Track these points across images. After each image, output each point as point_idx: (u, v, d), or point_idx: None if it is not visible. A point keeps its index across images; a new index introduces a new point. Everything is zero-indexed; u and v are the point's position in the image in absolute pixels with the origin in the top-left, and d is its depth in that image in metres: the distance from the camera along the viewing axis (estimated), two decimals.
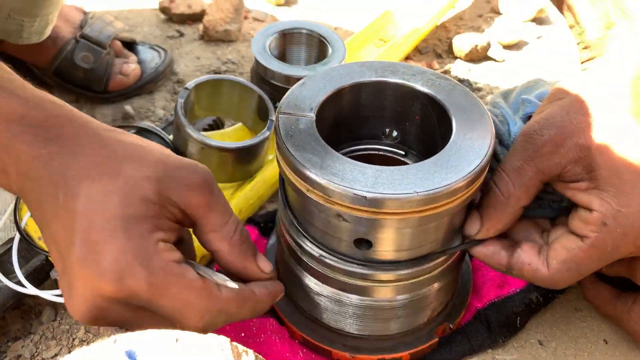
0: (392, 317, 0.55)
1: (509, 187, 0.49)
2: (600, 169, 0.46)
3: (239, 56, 1.03)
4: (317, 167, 0.46)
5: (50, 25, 0.84)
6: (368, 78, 0.55)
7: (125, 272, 0.41)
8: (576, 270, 0.49)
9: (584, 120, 0.47)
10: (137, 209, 0.42)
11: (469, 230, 0.51)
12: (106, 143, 0.45)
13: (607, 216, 0.46)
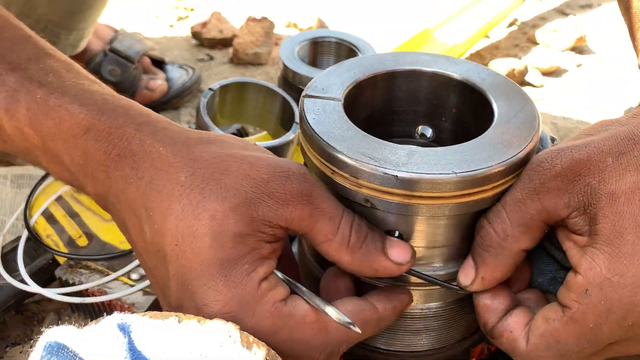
0: (424, 329, 0.49)
1: (504, 225, 0.41)
2: (603, 222, 0.37)
3: (268, 78, 1.02)
4: (344, 146, 0.42)
5: (84, 40, 0.85)
6: (402, 67, 0.51)
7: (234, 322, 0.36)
8: (556, 349, 0.40)
9: (608, 160, 0.38)
10: (230, 250, 0.37)
11: (461, 280, 0.43)
12: (181, 159, 0.39)
13: (592, 283, 0.37)
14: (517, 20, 1.18)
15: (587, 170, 0.38)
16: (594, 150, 0.39)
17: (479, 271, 0.42)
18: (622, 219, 0.37)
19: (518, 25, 1.17)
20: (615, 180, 0.38)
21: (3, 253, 0.59)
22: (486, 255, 0.42)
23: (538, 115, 0.46)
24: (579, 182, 0.38)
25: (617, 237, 0.37)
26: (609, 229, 0.37)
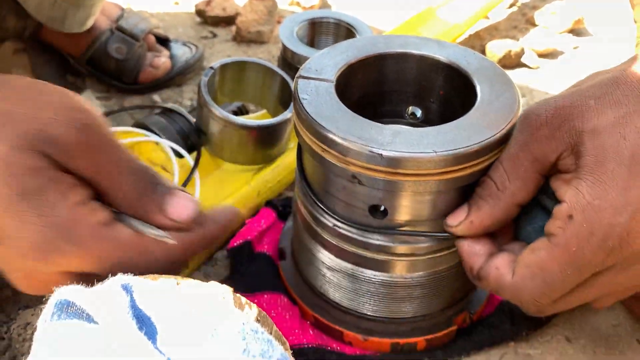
0: (408, 298, 0.52)
1: (503, 179, 0.43)
2: (586, 155, 0.40)
3: (270, 56, 1.04)
4: (333, 126, 0.45)
5: (92, 18, 0.87)
6: (392, 49, 0.53)
7: (50, 251, 0.36)
8: (541, 278, 0.41)
9: (590, 103, 0.41)
10: (30, 182, 0.35)
11: (449, 221, 0.45)
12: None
13: (576, 208, 0.40)
14: (517, 1, 1.19)
15: (571, 115, 0.41)
16: (577, 96, 0.42)
17: (470, 215, 0.45)
18: (604, 150, 0.40)
19: (518, 6, 1.18)
20: (596, 117, 0.40)
21: None
22: (482, 202, 0.44)
23: (519, 99, 0.48)
24: (564, 126, 0.41)
25: (598, 166, 0.39)
26: (591, 160, 0.40)
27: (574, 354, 0.55)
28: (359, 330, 0.54)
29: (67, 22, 0.84)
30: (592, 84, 0.43)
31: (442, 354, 0.54)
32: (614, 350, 0.56)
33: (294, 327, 0.54)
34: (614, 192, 0.39)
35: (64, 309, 0.35)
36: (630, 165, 0.39)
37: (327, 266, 0.53)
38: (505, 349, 0.55)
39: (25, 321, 0.60)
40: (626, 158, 0.39)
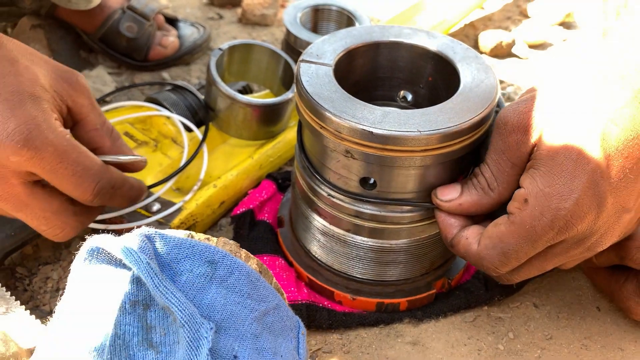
0: (393, 262, 0.58)
1: (492, 181, 0.50)
2: (541, 148, 0.46)
3: (273, 39, 1.09)
4: (330, 105, 0.50)
5: None
6: (386, 38, 0.59)
7: (33, 133, 0.44)
8: (500, 248, 0.48)
9: (548, 105, 0.47)
10: (38, 91, 0.46)
11: (442, 195, 0.52)
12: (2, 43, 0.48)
13: (530, 193, 0.46)
14: None
15: (535, 118, 0.47)
16: (538, 100, 0.48)
17: (461, 199, 0.51)
18: (556, 144, 0.46)
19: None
20: (550, 118, 0.47)
21: None
22: (474, 192, 0.51)
23: (497, 86, 0.54)
24: (529, 130, 0.47)
25: (550, 158, 0.46)
26: (545, 154, 0.46)
27: (540, 318, 0.62)
28: (348, 290, 0.60)
29: (73, 0, 0.89)
30: (549, 87, 0.49)
31: (421, 314, 0.60)
32: (576, 316, 0.62)
33: (290, 285, 0.60)
34: (562, 181, 0.45)
35: (94, 254, 0.41)
36: (577, 159, 0.45)
37: (321, 232, 0.59)
38: (479, 312, 0.62)
39: (45, 275, 0.66)
40: (574, 153, 0.45)
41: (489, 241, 0.49)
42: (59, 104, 0.49)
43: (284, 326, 0.42)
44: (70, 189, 0.48)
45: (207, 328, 0.35)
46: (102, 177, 0.48)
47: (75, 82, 0.50)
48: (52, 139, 0.45)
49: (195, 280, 0.40)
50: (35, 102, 0.46)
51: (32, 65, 0.48)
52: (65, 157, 0.46)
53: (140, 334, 0.36)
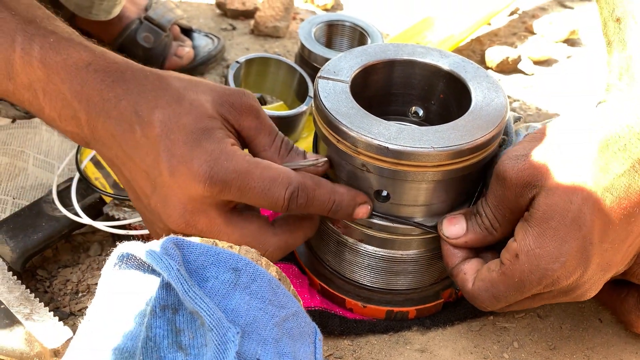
0: (403, 272, 0.60)
1: (494, 222, 0.53)
2: (537, 208, 0.49)
3: (285, 50, 1.11)
4: (348, 121, 0.53)
5: (117, 7, 0.93)
6: (400, 56, 0.61)
7: (215, 168, 0.47)
8: (490, 292, 0.52)
9: (544, 166, 0.49)
10: (207, 123, 0.49)
11: (450, 230, 0.55)
12: (163, 79, 0.51)
13: (522, 250, 0.49)
14: (518, 9, 1.26)
15: (533, 176, 0.49)
16: (539, 157, 0.49)
17: (467, 236, 0.54)
18: (552, 209, 0.48)
19: (519, 14, 1.26)
20: (552, 179, 0.48)
21: (58, 191, 0.70)
22: (478, 230, 0.54)
23: (507, 105, 0.56)
24: (528, 186, 0.49)
25: (545, 221, 0.48)
26: (541, 215, 0.48)
27: (544, 328, 0.64)
28: (359, 298, 0.62)
29: (93, 11, 0.91)
30: (545, 144, 0.50)
31: (429, 323, 0.62)
32: (578, 328, 0.64)
33: (304, 292, 0.62)
34: (553, 245, 0.48)
35: (125, 260, 0.43)
36: (570, 225, 0.47)
37: (334, 241, 0.61)
38: (485, 322, 0.64)
39: (65, 278, 0.69)
40: (568, 219, 0.47)
41: (482, 284, 0.52)
42: (229, 128, 0.51)
43: (302, 332, 0.44)
44: (264, 204, 0.50)
45: (234, 332, 0.38)
46: (290, 181, 0.50)
47: (239, 104, 0.52)
48: (233, 166, 0.48)
49: (220, 286, 0.42)
50: (208, 135, 0.49)
51: (197, 96, 0.50)
52: (250, 177, 0.48)
53: (170, 337, 0.38)
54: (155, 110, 0.49)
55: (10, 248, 0.64)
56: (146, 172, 0.50)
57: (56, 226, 0.68)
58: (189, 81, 0.52)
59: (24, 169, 0.77)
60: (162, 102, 0.50)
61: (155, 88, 0.50)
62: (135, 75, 0.51)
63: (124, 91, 0.50)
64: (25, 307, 0.58)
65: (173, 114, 0.49)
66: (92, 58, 0.50)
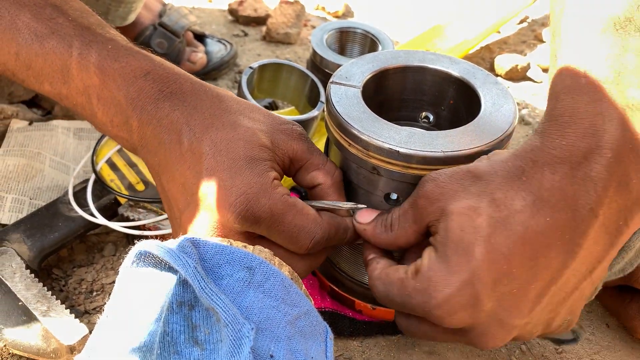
0: None
1: (395, 224, 0.51)
2: (438, 232, 0.46)
3: (296, 57, 1.13)
4: (359, 125, 0.54)
5: (133, 13, 0.95)
6: (411, 63, 0.62)
7: (252, 202, 0.48)
8: (385, 287, 0.49)
9: (454, 191, 0.46)
10: (257, 152, 0.49)
11: (361, 215, 0.53)
12: (222, 99, 0.52)
13: (421, 270, 0.46)
14: (527, 17, 1.27)
15: (440, 195, 0.47)
16: (451, 180, 0.47)
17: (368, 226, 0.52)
18: (448, 234, 0.45)
19: (528, 22, 1.27)
20: (453, 204, 0.45)
21: (74, 192, 0.72)
22: (379, 225, 0.52)
23: (516, 111, 0.57)
24: (434, 204, 0.47)
25: (443, 245, 0.45)
26: (440, 240, 0.46)
27: None
28: (369, 300, 0.63)
29: (109, 17, 0.93)
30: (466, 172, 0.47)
31: None
32: (586, 332, 0.65)
33: (314, 294, 0.63)
34: (442, 273, 0.44)
35: (142, 258, 0.44)
36: (461, 255, 0.44)
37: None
38: None
39: (79, 277, 0.70)
40: (461, 249, 0.44)
41: (384, 275, 0.50)
42: (280, 157, 0.52)
43: (313, 330, 0.45)
44: (286, 245, 0.50)
45: (249, 328, 0.39)
46: (316, 232, 0.50)
47: (291, 132, 0.53)
48: (269, 205, 0.48)
49: (234, 284, 0.43)
50: (253, 166, 0.49)
51: (253, 123, 0.51)
52: (281, 220, 0.49)
53: (186, 332, 0.40)
54: (209, 129, 0.49)
55: (28, 247, 0.65)
56: (183, 186, 0.50)
57: (72, 226, 0.69)
58: (246, 106, 0.53)
59: (41, 170, 0.78)
60: (218, 123, 0.50)
61: (212, 106, 0.51)
62: (195, 90, 0.51)
63: (180, 102, 0.50)
64: (43, 304, 0.60)
65: (225, 137, 0.49)
66: (151, 67, 0.51)
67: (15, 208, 0.73)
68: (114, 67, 0.50)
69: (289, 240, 0.50)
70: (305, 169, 0.54)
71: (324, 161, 0.55)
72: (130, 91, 0.50)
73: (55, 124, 0.86)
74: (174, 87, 0.51)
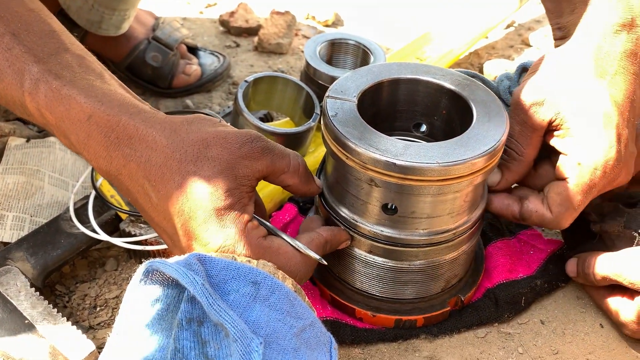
0: (410, 282, 0.63)
1: (519, 148, 0.62)
2: (570, 122, 0.59)
3: (288, 67, 1.14)
4: (356, 138, 0.55)
5: (126, 22, 0.96)
6: (404, 75, 0.64)
7: (232, 253, 0.49)
8: (571, 207, 0.60)
9: (556, 83, 0.60)
10: (224, 202, 0.50)
11: (491, 179, 0.63)
12: (174, 146, 0.50)
13: (580, 156, 0.59)
14: (514, 22, 1.29)
15: (547, 94, 0.60)
16: (549, 82, 0.60)
17: (505, 175, 0.63)
18: (580, 116, 0.59)
19: (515, 27, 1.29)
20: (567, 94, 0.59)
21: (74, 209, 0.73)
22: (510, 165, 0.63)
23: (507, 120, 0.59)
24: (545, 104, 0.60)
25: (581, 129, 0.59)
26: (575, 126, 0.59)
27: (547, 334, 0.66)
28: (369, 308, 0.64)
29: (103, 25, 0.94)
30: (548, 68, 0.62)
31: (437, 330, 0.65)
32: (580, 332, 0.66)
33: (315, 303, 0.64)
34: (601, 142, 0.58)
35: (149, 275, 0.46)
36: (604, 122, 0.58)
37: (343, 254, 0.63)
38: (490, 328, 0.66)
39: (83, 293, 0.71)
40: (598, 119, 0.58)
41: (561, 207, 0.60)
42: (248, 186, 0.52)
43: (318, 341, 0.47)
44: None
45: (257, 343, 0.40)
46: (296, 268, 0.53)
47: (252, 153, 0.52)
48: (247, 254, 0.50)
49: (241, 299, 0.44)
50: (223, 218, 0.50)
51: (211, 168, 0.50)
52: None
53: (197, 348, 0.41)
54: (170, 185, 0.50)
55: (32, 265, 0.66)
56: (166, 232, 0.53)
57: (74, 243, 0.70)
58: (200, 143, 0.51)
59: (40, 188, 0.79)
60: (177, 178, 0.50)
61: (165, 157, 0.50)
62: (141, 135, 0.51)
63: (131, 152, 0.51)
64: (49, 322, 0.60)
65: (190, 192, 0.50)
66: (93, 109, 0.51)
67: (17, 226, 0.74)
68: (59, 110, 0.52)
69: None
70: (273, 176, 0.56)
71: (288, 163, 0.55)
72: (80, 136, 0.51)
73: (52, 140, 0.86)
74: (119, 131, 0.51)
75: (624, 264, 0.61)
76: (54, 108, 0.52)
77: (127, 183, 0.52)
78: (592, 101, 0.59)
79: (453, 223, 0.60)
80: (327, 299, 0.66)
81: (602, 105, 0.59)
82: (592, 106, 0.59)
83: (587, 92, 0.59)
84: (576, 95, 0.59)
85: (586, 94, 0.59)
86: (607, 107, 0.59)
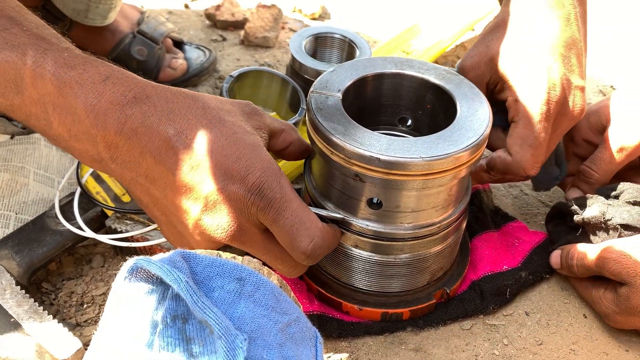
0: (396, 275, 0.63)
1: None
2: (501, 69, 0.64)
3: (275, 60, 1.14)
4: (341, 134, 0.55)
5: (112, 12, 0.95)
6: (389, 70, 0.64)
7: (266, 186, 0.50)
8: (529, 145, 0.63)
9: (492, 40, 0.65)
10: (255, 139, 0.52)
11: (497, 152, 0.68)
12: (195, 98, 0.52)
13: (515, 95, 0.64)
14: None
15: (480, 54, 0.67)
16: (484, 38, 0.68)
17: None
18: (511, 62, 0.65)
19: None
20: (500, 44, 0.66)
21: (60, 206, 0.72)
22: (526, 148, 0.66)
23: (490, 115, 0.59)
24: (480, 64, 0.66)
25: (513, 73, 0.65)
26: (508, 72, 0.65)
27: (531, 325, 0.67)
28: (355, 301, 0.65)
29: (90, 15, 0.93)
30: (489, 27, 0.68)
31: (423, 323, 0.65)
32: (564, 323, 0.67)
33: (302, 297, 0.65)
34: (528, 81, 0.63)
35: (134, 273, 0.46)
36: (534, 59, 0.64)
37: None
38: (475, 320, 0.67)
39: (69, 290, 0.71)
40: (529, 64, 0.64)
41: (520, 148, 0.64)
42: (264, 138, 0.54)
43: (304, 336, 0.47)
44: (285, 243, 0.52)
45: (242, 339, 0.40)
46: (315, 234, 0.52)
47: (256, 110, 0.56)
48: (280, 188, 0.51)
49: (226, 296, 0.44)
50: (259, 152, 0.51)
51: (232, 116, 0.53)
52: (288, 206, 0.51)
53: (181, 345, 0.41)
54: (199, 129, 0.49)
55: (17, 263, 0.66)
56: (191, 189, 0.50)
57: (60, 240, 0.70)
58: (216, 99, 0.54)
59: (25, 185, 0.79)
60: (205, 122, 0.50)
61: (189, 107, 0.51)
62: (160, 94, 0.50)
63: (151, 108, 0.49)
64: (35, 319, 0.60)
65: (221, 132, 0.50)
66: (109, 72, 0.49)
67: (2, 223, 0.74)
68: (70, 75, 0.48)
69: (290, 233, 0.51)
70: (275, 138, 0.58)
71: (282, 123, 0.59)
72: (89, 97, 0.48)
73: (37, 136, 0.86)
74: (137, 90, 0.49)
75: (606, 256, 0.62)
76: (64, 73, 0.48)
77: (145, 142, 0.49)
78: (525, 47, 0.63)
79: (438, 216, 0.60)
80: (314, 293, 0.67)
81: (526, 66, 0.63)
82: (524, 54, 0.62)
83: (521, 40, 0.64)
84: (509, 44, 0.64)
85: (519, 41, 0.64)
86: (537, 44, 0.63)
